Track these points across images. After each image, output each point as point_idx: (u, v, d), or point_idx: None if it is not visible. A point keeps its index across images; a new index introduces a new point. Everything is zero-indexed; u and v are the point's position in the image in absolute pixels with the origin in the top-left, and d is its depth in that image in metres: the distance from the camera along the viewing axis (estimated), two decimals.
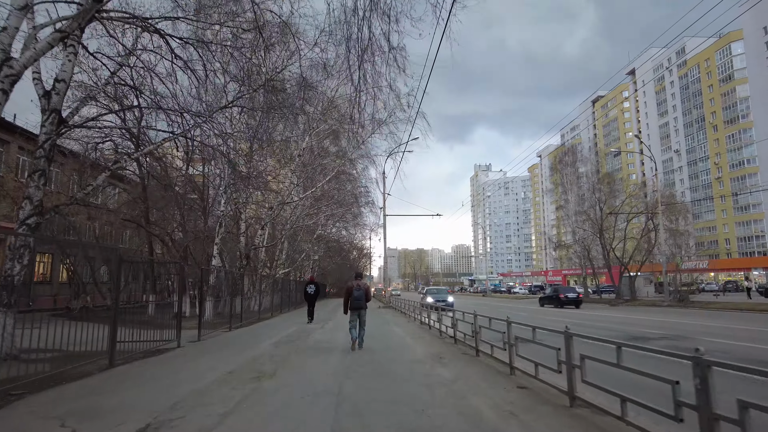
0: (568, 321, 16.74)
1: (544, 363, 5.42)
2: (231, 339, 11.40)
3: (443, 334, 11.53)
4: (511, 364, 6.48)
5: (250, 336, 12.14)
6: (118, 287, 7.32)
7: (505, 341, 6.73)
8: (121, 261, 7.61)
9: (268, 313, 20.90)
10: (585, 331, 6.68)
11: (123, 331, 8.50)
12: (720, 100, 76.31)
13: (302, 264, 37.00)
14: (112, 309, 7.21)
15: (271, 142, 17.63)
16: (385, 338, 11.28)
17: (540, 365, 5.56)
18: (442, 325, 11.70)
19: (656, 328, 13.87)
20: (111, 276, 7.77)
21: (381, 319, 18.27)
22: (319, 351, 8.93)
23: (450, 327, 10.48)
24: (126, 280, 10.21)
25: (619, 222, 39.48)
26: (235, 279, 18.11)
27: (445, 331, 11.27)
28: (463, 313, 9.71)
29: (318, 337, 11.38)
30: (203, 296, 11.77)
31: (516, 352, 6.32)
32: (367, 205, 33.79)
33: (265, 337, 11.43)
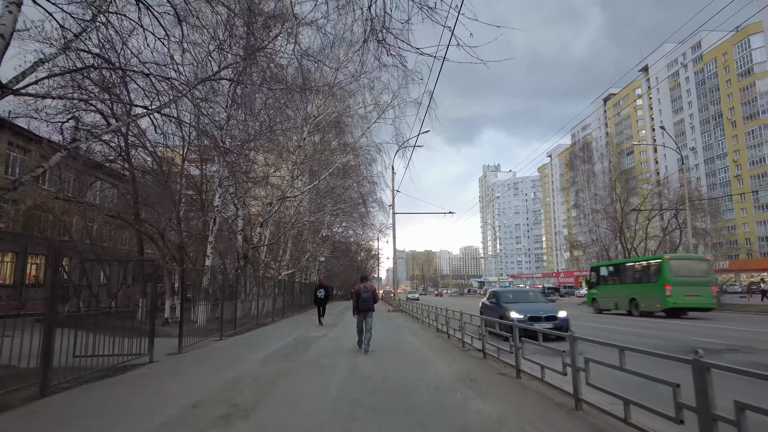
0: (612, 328, 14.90)
1: (641, 402, 3.68)
2: (217, 351, 9.71)
3: (467, 345, 9.77)
4: (576, 396, 4.72)
5: (242, 346, 10.45)
6: (53, 286, 5.65)
7: (566, 363, 4.98)
8: (58, 254, 5.95)
9: (269, 318, 19.23)
10: (647, 344, 4.89)
11: (83, 342, 6.93)
12: (739, 95, 73.74)
13: (307, 265, 35.34)
14: (46, 316, 5.52)
15: (270, 129, 15.96)
16: (399, 350, 9.53)
17: (633, 403, 3.81)
18: (465, 335, 9.93)
19: (710, 337, 11.98)
20: (50, 274, 6.12)
21: (392, 325, 16.53)
22: (319, 369, 7.22)
23: (477, 338, 8.71)
24: (86, 279, 8.61)
25: (639, 219, 37.47)
26: (231, 281, 16.49)
27: (470, 343, 9.50)
28: (483, 320, 7.93)
29: (319, 349, 9.66)
30: (184, 300, 10.08)
31: (587, 380, 4.55)
32: (374, 204, 32.12)
33: (257, 349, 9.73)
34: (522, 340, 6.39)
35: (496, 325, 8.37)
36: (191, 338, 10.76)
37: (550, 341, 5.94)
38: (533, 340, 6.10)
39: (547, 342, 5.78)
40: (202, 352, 9.36)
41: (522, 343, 6.38)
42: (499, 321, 8.72)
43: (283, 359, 8.18)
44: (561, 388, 5.29)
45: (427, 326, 15.54)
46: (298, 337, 12.31)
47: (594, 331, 13.26)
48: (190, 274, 15.48)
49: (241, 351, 9.61)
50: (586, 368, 4.55)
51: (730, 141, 75.45)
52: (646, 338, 12.00)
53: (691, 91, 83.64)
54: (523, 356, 6.35)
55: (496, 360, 7.76)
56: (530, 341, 6.23)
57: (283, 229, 22.57)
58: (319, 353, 8.96)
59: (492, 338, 8.09)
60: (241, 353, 9.16)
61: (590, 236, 44.07)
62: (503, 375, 6.74)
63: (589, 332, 10.48)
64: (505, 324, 7.89)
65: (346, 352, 9.06)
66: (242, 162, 19.19)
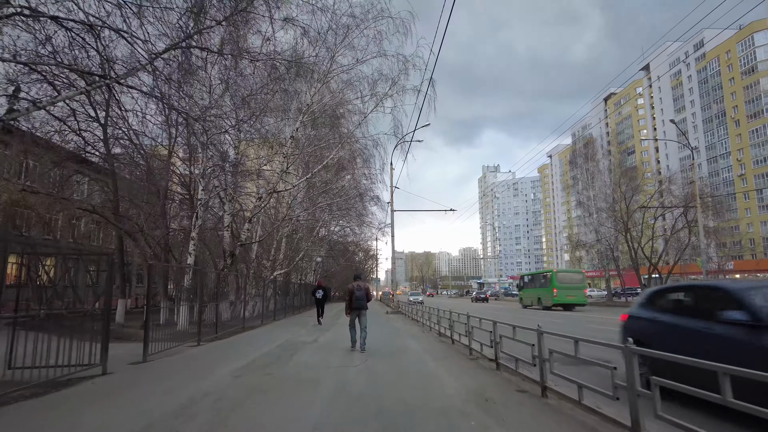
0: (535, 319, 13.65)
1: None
2: (189, 360, 8.45)
3: (474, 352, 8.52)
4: (638, 429, 3.48)
5: (219, 354, 9.19)
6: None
7: (617, 384, 3.75)
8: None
9: (259, 320, 17.95)
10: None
11: (24, 350, 5.95)
12: (742, 93, 72.60)
13: (303, 266, 34.07)
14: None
15: (260, 112, 14.71)
16: (397, 359, 8.27)
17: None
18: (473, 340, 8.67)
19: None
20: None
21: (390, 328, 15.26)
22: (300, 384, 5.96)
23: (488, 345, 7.46)
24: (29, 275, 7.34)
25: (645, 218, 36.28)
26: (215, 280, 15.24)
27: (479, 351, 8.24)
28: (514, 327, 6.66)
29: (305, 358, 8.38)
30: (150, 301, 8.81)
31: (655, 411, 3.30)
32: (371, 201, 30.86)
33: (235, 357, 8.47)
34: (551, 352, 5.13)
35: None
36: (164, 343, 9.53)
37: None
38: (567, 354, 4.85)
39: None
40: (169, 362, 8.10)
41: (551, 354, 5.12)
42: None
43: (260, 371, 6.91)
44: (603, 414, 4.05)
45: (428, 330, 14.28)
46: (285, 342, 11.04)
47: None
48: (163, 272, 14.23)
49: (215, 360, 8.34)
50: (654, 394, 3.30)
51: (733, 140, 74.35)
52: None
53: (694, 89, 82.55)
54: (552, 370, 5.09)
55: (512, 372, 6.51)
56: (560, 352, 4.97)
57: (275, 226, 21.30)
58: (304, 363, 7.69)
59: (507, 345, 6.83)
60: (215, 363, 7.89)
61: (594, 236, 42.85)
62: (524, 393, 5.48)
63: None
64: None
65: (336, 362, 7.80)
66: (231, 152, 17.99)
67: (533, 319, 20.17)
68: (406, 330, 14.52)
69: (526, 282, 35.81)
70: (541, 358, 5.27)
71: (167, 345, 9.72)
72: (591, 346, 4.48)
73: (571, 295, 28.17)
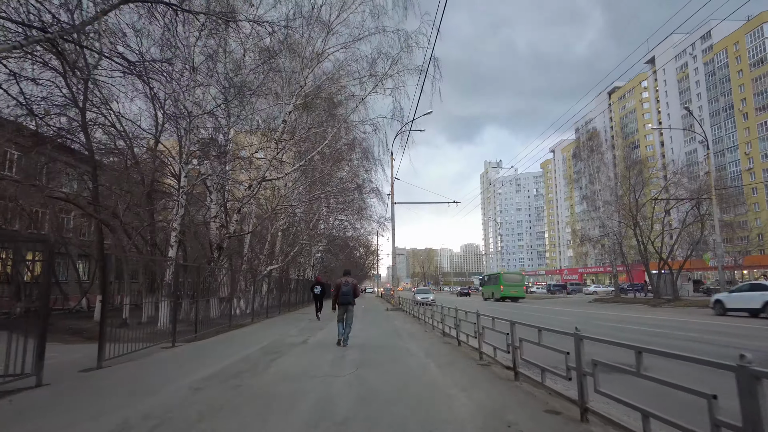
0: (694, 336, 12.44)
1: None
2: (152, 366, 7.23)
3: (485, 356, 7.29)
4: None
5: (188, 358, 7.98)
6: None
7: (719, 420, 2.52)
8: None
9: (249, 318, 16.77)
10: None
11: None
12: (751, 85, 71.02)
13: (299, 260, 32.86)
14: None
15: (245, 91, 13.47)
16: (395, 366, 7.04)
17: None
18: (483, 343, 7.43)
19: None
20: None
21: (389, 327, 14.03)
22: (272, 402, 4.74)
23: (503, 350, 6.23)
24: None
25: (655, 211, 34.94)
26: (202, 275, 14.04)
27: (492, 356, 7.01)
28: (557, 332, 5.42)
29: (287, 364, 7.16)
30: (106, 294, 7.57)
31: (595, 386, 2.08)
32: (371, 193, 29.61)
33: (206, 362, 7.26)
34: (595, 363, 3.89)
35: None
36: (132, 345, 8.36)
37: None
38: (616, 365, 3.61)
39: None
40: (126, 369, 6.88)
41: (596, 366, 3.87)
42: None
43: (228, 383, 5.68)
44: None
45: (430, 328, 13.06)
46: (270, 343, 9.81)
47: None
48: (144, 265, 13.04)
49: (181, 366, 7.13)
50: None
51: (741, 133, 72.84)
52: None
53: (701, 82, 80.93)
54: (597, 387, 3.84)
55: (534, 384, 5.29)
56: (613, 365, 3.73)
57: (266, 216, 20.08)
58: (285, 372, 6.46)
59: (529, 350, 5.60)
60: (179, 370, 6.68)
61: (602, 230, 41.54)
62: (557, 415, 4.25)
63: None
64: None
65: (323, 369, 6.58)
66: (220, 138, 16.75)
67: (528, 315, 18.95)
68: (406, 329, 13.29)
69: (485, 281, 47.28)
70: (581, 370, 4.04)
71: (136, 346, 8.53)
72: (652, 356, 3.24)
73: (513, 290, 37.95)
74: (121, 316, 14.73)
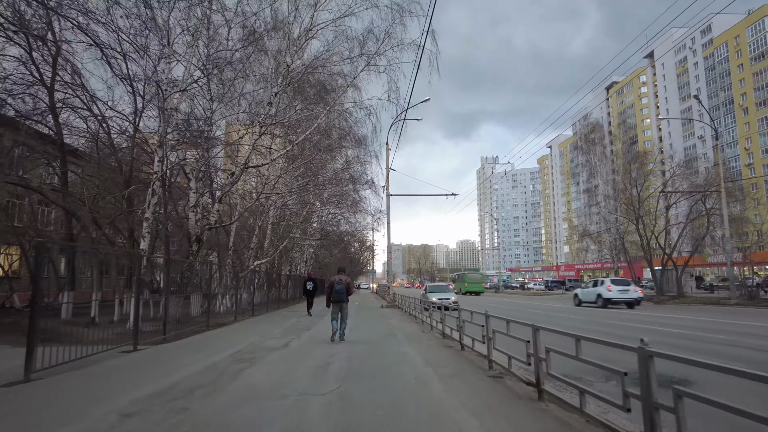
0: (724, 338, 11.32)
1: None
2: (90, 378, 5.98)
3: (496, 366, 6.09)
4: None
5: (141, 368, 6.75)
6: None
7: None
8: None
9: (231, 316, 15.53)
10: None
11: None
12: (751, 80, 70.03)
13: (292, 255, 31.59)
14: None
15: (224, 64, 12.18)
16: (388, 377, 5.81)
17: None
18: (491, 349, 6.21)
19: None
20: None
21: (384, 327, 12.81)
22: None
23: (521, 360, 5.02)
24: None
25: (659, 206, 33.95)
26: (182, 270, 12.78)
27: (506, 366, 5.78)
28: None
29: (257, 376, 5.89)
30: (36, 295, 6.29)
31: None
32: (365, 186, 28.38)
33: (159, 373, 6.02)
34: (679, 395, 2.67)
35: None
36: (84, 349, 7.19)
37: None
38: None
39: None
40: (60, 381, 5.63)
41: (679, 399, 2.65)
42: None
43: (174, 404, 4.43)
44: None
45: (428, 328, 11.86)
46: (246, 347, 8.57)
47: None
48: (135, 260, 11.75)
49: (129, 378, 5.88)
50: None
51: (741, 128, 71.92)
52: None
53: (700, 76, 79.87)
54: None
55: (566, 407, 4.09)
56: (703, 398, 2.52)
57: (254, 208, 18.81)
58: (251, 388, 5.20)
59: (556, 359, 4.39)
60: (122, 385, 5.42)
61: (600, 226, 40.52)
62: None
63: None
64: None
65: (299, 384, 5.35)
66: (200, 121, 15.43)
67: (530, 315, 17.79)
68: (402, 329, 12.09)
69: (455, 279, 58.37)
70: (652, 401, 2.82)
71: (90, 350, 7.34)
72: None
73: (474, 286, 48.23)
74: (89, 314, 13.50)
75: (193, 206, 14.44)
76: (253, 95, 17.38)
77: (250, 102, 17.25)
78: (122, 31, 12.17)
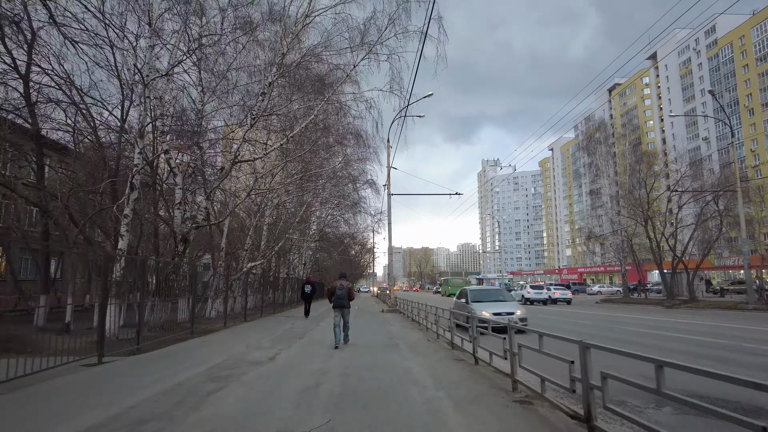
0: None
1: None
2: (23, 404, 4.87)
3: (520, 386, 4.99)
4: None
5: (98, 387, 5.65)
6: None
7: None
8: None
9: (221, 321, 14.42)
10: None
11: None
12: (757, 80, 69.03)
13: (290, 258, 30.47)
14: None
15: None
16: (392, 405, 4.70)
17: None
18: (516, 367, 5.10)
19: None
20: None
21: (384, 336, 11.67)
22: None
23: (564, 388, 3.92)
24: None
25: (669, 207, 32.83)
26: (166, 271, 11.68)
27: (533, 387, 4.68)
28: None
29: (223, 406, 4.76)
30: None
31: None
32: (365, 185, 27.33)
33: (114, 397, 4.93)
34: None
35: None
36: (41, 361, 6.22)
37: None
38: None
39: None
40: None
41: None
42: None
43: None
44: None
45: (433, 336, 10.76)
46: (225, 360, 7.46)
47: None
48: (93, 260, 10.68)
49: (72, 403, 4.78)
50: None
51: (747, 130, 70.87)
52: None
53: (704, 77, 78.88)
54: None
55: None
56: None
57: (246, 205, 17.72)
58: (214, 423, 4.10)
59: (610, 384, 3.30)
60: (56, 415, 4.33)
61: (606, 228, 39.41)
62: None
63: None
64: None
65: (275, 417, 4.24)
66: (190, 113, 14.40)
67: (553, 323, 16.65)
68: (405, 337, 10.97)
69: (440, 282, 71.21)
70: None
71: (47, 363, 6.33)
72: None
73: (457, 289, 59.19)
74: (63, 319, 12.40)
75: (178, 203, 13.35)
76: (247, 87, 16.37)
77: (243, 94, 16.23)
78: (100, 11, 11.20)
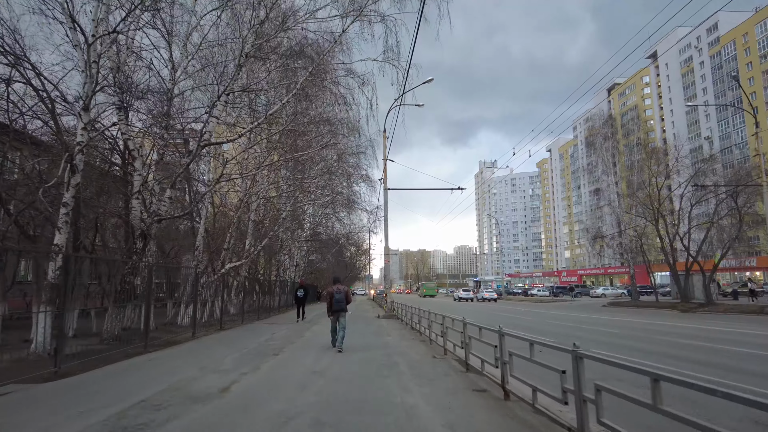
0: None
1: None
2: None
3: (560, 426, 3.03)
4: None
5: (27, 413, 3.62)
6: None
7: None
8: None
9: (189, 331, 12.35)
10: None
11: None
12: (761, 78, 67.59)
13: (275, 257, 28.36)
14: None
15: None
16: None
17: None
18: (586, 421, 3.14)
19: None
20: None
21: (380, 348, 9.66)
22: None
23: None
24: None
25: (682, 205, 30.98)
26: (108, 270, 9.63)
27: None
28: None
29: None
30: None
31: None
32: (361, 180, 25.38)
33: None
34: None
35: None
36: None
37: None
38: None
39: None
40: None
41: None
42: None
43: None
44: None
45: (440, 351, 8.75)
46: (160, 392, 5.40)
47: None
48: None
49: None
50: None
51: (750, 129, 69.14)
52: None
53: (706, 76, 77.42)
54: None
55: None
56: None
57: (209, 190, 15.66)
58: None
59: None
60: None
61: (615, 226, 37.58)
62: None
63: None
64: None
65: None
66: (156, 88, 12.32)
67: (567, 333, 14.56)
68: (404, 353, 8.94)
69: (418, 287, 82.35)
70: None
71: None
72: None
73: (429, 291, 72.71)
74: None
75: (137, 192, 11.29)
76: (225, 65, 14.33)
77: (220, 73, 14.18)
78: None
